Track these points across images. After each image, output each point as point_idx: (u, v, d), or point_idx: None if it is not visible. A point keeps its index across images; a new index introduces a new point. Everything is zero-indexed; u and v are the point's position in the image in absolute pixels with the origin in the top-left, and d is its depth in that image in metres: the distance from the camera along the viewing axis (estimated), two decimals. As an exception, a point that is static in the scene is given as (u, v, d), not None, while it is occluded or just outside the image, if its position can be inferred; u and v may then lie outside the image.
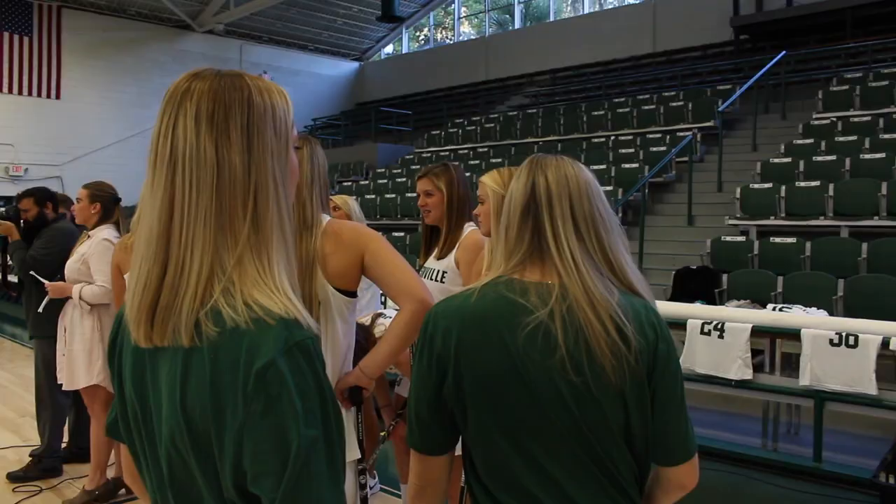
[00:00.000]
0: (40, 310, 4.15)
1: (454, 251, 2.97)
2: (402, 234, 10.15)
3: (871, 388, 4.04)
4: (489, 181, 2.62)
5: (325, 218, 2.09)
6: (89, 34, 17.58)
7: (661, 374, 1.31)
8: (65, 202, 5.40)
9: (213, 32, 19.72)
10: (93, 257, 3.85)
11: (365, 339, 2.65)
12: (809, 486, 4.19)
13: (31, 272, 4.23)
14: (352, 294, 2.08)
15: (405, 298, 2.00)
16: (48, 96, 16.96)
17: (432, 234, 3.19)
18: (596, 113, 12.82)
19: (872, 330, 4.15)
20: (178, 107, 1.02)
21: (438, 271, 3.00)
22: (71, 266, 3.94)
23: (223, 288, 0.97)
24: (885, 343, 4.04)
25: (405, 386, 3.03)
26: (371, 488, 3.84)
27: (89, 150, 17.09)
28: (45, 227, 4.48)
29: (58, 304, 4.07)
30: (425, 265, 3.15)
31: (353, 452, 2.07)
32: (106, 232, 3.93)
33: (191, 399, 0.96)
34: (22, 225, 4.47)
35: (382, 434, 2.90)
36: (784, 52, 11.15)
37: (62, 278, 4.04)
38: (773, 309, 5.31)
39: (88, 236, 3.99)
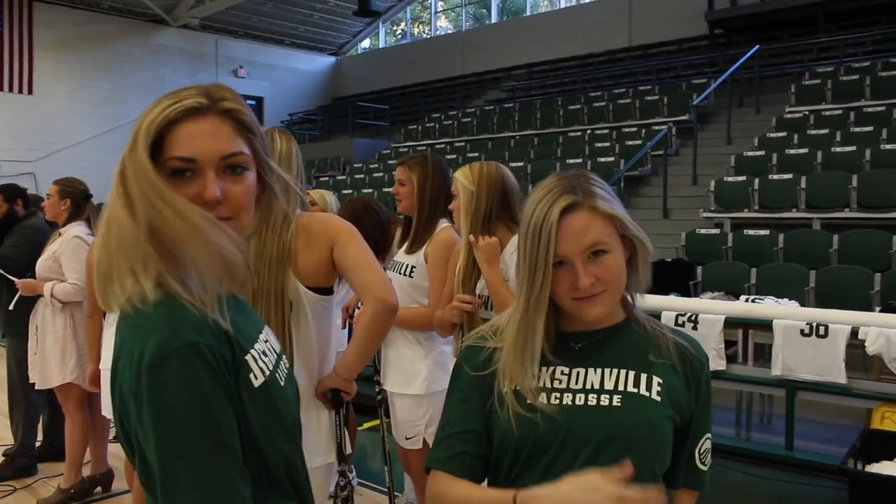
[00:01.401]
0: (11, 307, 4.10)
1: (425, 246, 2.87)
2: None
3: (840, 377, 4.11)
4: (460, 177, 2.60)
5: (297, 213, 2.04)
6: (62, 28, 17.29)
7: None
8: (36, 203, 5.33)
9: (189, 27, 19.49)
10: (64, 255, 3.81)
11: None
12: (782, 473, 4.27)
13: (1, 270, 4.18)
14: (326, 291, 2.03)
15: (366, 297, 1.96)
16: (20, 91, 16.64)
17: (408, 225, 3.06)
18: (572, 107, 12.87)
19: (842, 320, 4.23)
20: None
21: (407, 265, 2.91)
22: (42, 264, 3.89)
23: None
24: (854, 333, 4.11)
25: (390, 381, 3.01)
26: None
27: (63, 146, 16.81)
28: (15, 224, 4.42)
29: (29, 302, 4.02)
30: (395, 258, 3.05)
31: (328, 455, 2.05)
32: (77, 229, 3.88)
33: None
34: (-8, 222, 4.42)
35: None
36: (758, 46, 11.23)
37: (33, 276, 4.00)
38: (747, 300, 5.38)
39: (60, 234, 3.95)
